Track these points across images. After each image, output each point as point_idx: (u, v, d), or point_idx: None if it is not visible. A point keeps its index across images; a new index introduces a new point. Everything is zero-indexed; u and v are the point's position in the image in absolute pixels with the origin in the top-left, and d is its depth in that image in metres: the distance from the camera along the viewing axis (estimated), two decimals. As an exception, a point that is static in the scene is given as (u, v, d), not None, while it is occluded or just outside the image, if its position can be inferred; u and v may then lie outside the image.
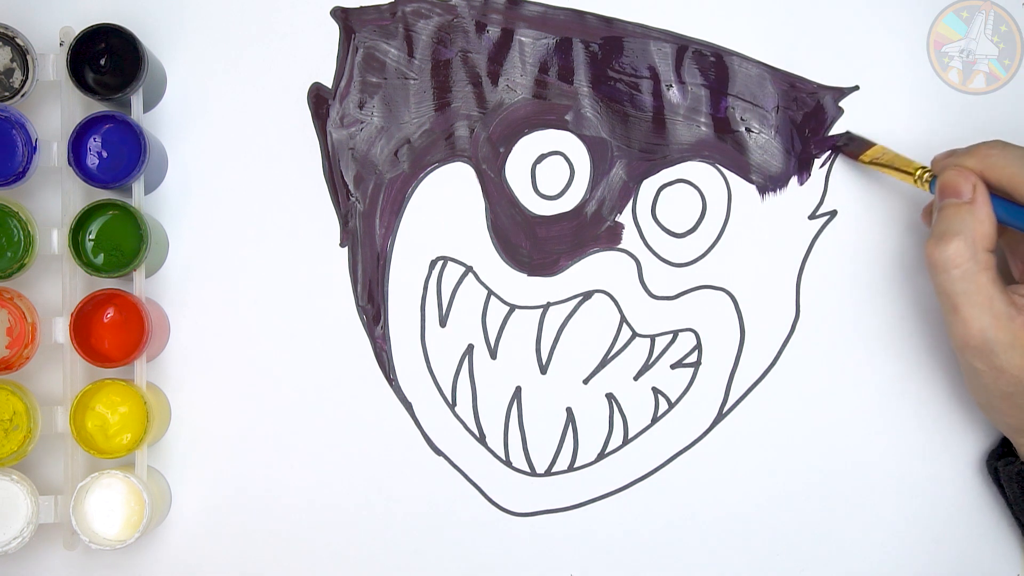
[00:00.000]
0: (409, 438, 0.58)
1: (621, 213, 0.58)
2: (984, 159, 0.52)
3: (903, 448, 0.58)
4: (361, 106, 0.58)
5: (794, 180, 0.59)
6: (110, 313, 0.55)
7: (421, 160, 0.58)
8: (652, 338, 0.58)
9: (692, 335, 0.58)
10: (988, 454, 0.58)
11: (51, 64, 0.55)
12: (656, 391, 0.58)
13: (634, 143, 0.58)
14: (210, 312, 0.58)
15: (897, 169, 0.55)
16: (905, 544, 0.58)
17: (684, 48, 0.58)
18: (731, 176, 0.59)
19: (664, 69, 0.58)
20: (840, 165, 0.59)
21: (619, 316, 0.58)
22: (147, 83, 0.55)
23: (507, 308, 0.58)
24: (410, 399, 0.58)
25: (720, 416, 0.59)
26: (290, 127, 0.58)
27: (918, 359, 0.58)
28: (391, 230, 0.58)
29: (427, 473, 0.58)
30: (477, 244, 0.58)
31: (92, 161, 0.55)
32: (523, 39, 0.58)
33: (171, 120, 0.58)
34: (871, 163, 0.56)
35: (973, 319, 0.51)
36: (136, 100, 0.55)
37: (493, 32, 0.58)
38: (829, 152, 0.58)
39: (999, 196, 0.52)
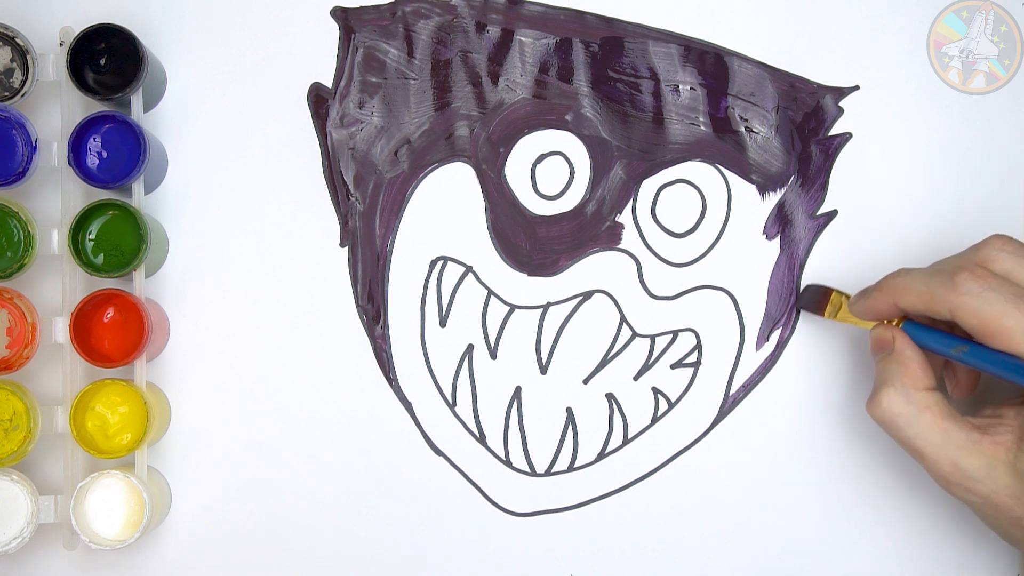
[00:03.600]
0: (409, 438, 0.58)
1: (621, 213, 0.58)
2: (892, 292, 0.53)
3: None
4: (361, 106, 0.58)
5: (794, 180, 0.59)
6: (110, 313, 0.55)
7: (421, 160, 0.58)
8: (652, 338, 0.58)
9: (692, 335, 0.58)
10: None
11: (51, 64, 0.55)
12: (656, 391, 0.58)
13: (634, 143, 0.58)
14: (210, 312, 0.58)
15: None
16: (905, 544, 0.58)
17: (684, 48, 0.58)
18: (731, 176, 0.59)
19: (664, 69, 0.58)
20: (840, 165, 0.59)
21: (619, 316, 0.58)
22: (147, 83, 0.55)
23: (507, 308, 0.58)
24: (410, 399, 0.58)
25: (720, 416, 0.59)
26: (290, 127, 0.58)
27: (918, 359, 0.58)
28: (391, 230, 0.58)
29: (427, 473, 0.58)
30: (477, 244, 0.58)
31: (92, 161, 0.55)
32: (523, 39, 0.58)
33: (171, 120, 0.58)
34: (837, 318, 0.56)
35: (940, 457, 0.50)
36: (136, 100, 0.55)
37: (493, 32, 0.58)
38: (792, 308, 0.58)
39: (923, 324, 0.53)
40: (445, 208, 0.58)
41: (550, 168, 0.58)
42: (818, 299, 0.57)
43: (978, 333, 0.49)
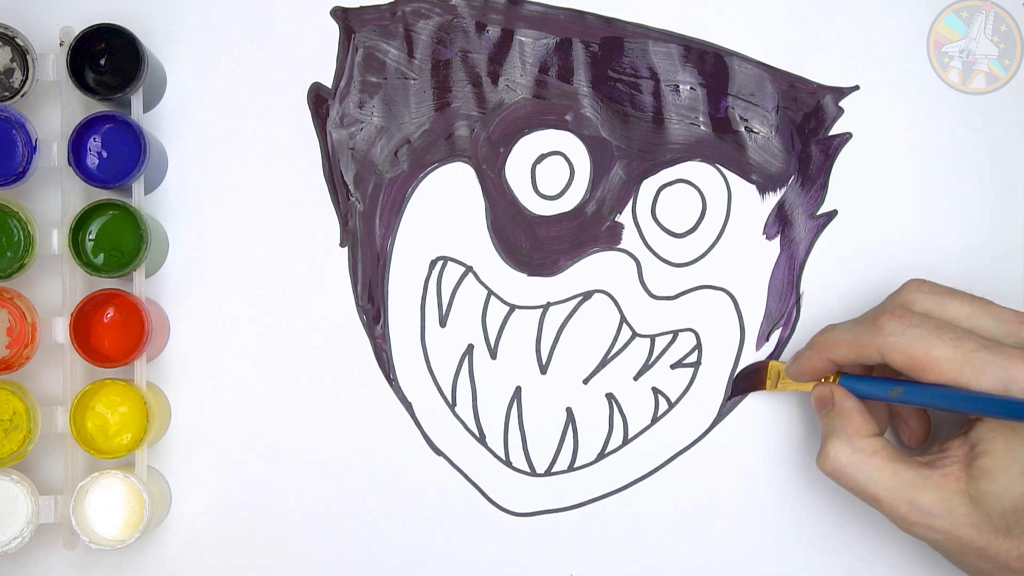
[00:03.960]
0: (409, 438, 0.58)
1: (621, 213, 0.58)
2: (823, 348, 0.53)
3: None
4: (361, 106, 0.58)
5: (794, 180, 0.59)
6: (110, 313, 0.55)
7: (421, 160, 0.58)
8: (652, 338, 0.58)
9: (692, 335, 0.58)
10: None
11: (51, 64, 0.55)
12: (656, 391, 0.58)
13: (634, 143, 0.58)
14: (210, 312, 0.58)
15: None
16: (906, 544, 0.58)
17: (684, 48, 0.58)
18: (731, 176, 0.59)
19: (664, 69, 0.58)
20: (840, 165, 0.59)
21: (619, 316, 0.58)
22: (147, 83, 0.55)
23: (507, 308, 0.58)
24: (410, 399, 0.58)
25: (720, 416, 0.59)
26: (290, 127, 0.58)
27: (918, 359, 0.58)
28: (391, 230, 0.58)
29: (427, 473, 0.58)
30: (477, 244, 0.58)
31: (92, 161, 0.55)
32: (523, 39, 0.58)
33: (171, 120, 0.58)
34: (778, 388, 0.57)
35: (895, 498, 0.51)
36: (136, 100, 0.55)
37: (493, 32, 0.58)
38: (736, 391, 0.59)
39: (865, 377, 0.54)
40: (445, 208, 0.58)
41: (550, 168, 0.58)
42: (755, 377, 0.58)
43: (909, 370, 0.50)
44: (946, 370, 0.49)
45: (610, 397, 0.58)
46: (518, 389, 0.58)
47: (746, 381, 0.58)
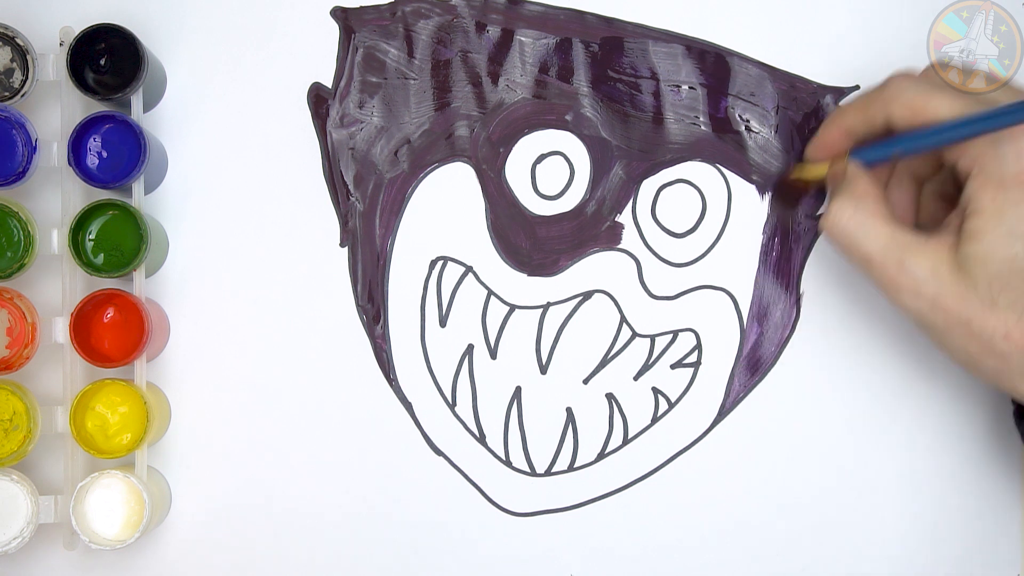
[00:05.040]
0: (409, 438, 0.58)
1: (621, 213, 0.58)
2: (835, 118, 0.55)
3: (904, 447, 0.58)
4: (361, 106, 0.58)
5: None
6: (110, 313, 0.55)
7: (421, 160, 0.58)
8: (652, 338, 0.58)
9: (692, 335, 0.58)
10: (1015, 414, 0.55)
11: (51, 64, 0.55)
12: (656, 391, 0.58)
13: (634, 143, 0.58)
14: (210, 312, 0.58)
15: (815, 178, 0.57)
16: (906, 544, 0.58)
17: (684, 48, 0.58)
18: (731, 176, 0.59)
19: (664, 69, 0.58)
20: (840, 165, 0.59)
21: (619, 316, 0.58)
22: (147, 83, 0.55)
23: (507, 308, 0.58)
24: (410, 399, 0.58)
25: (720, 416, 0.59)
26: (290, 127, 0.58)
27: (918, 359, 0.58)
28: (391, 230, 0.58)
29: (427, 473, 0.58)
30: (477, 244, 0.58)
31: (92, 161, 0.55)
32: (523, 39, 0.58)
33: (171, 120, 0.58)
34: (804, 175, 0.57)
35: (887, 259, 0.51)
36: (136, 100, 0.55)
37: (493, 32, 0.58)
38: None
39: (872, 143, 0.54)
40: (445, 208, 0.58)
41: (550, 168, 0.58)
42: (784, 188, 0.58)
43: (910, 117, 0.51)
44: (944, 107, 0.50)
45: (610, 397, 0.58)
46: (518, 389, 0.58)
47: (780, 191, 0.58)
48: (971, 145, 0.50)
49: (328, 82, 0.58)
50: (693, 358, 0.59)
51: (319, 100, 0.58)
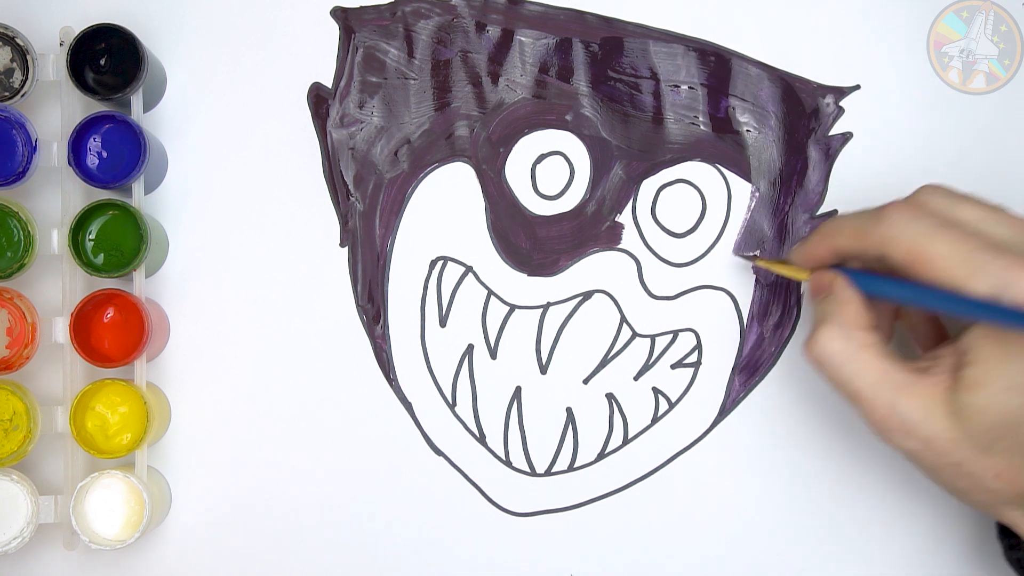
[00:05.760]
0: (409, 438, 0.58)
1: (621, 213, 0.58)
2: (826, 233, 0.51)
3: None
4: (361, 106, 0.58)
5: (794, 180, 0.59)
6: (110, 313, 0.55)
7: (421, 160, 0.58)
8: (652, 338, 0.58)
9: (692, 335, 0.58)
10: (1001, 540, 0.54)
11: (51, 64, 0.55)
12: (656, 391, 0.58)
13: (634, 143, 0.58)
14: (210, 312, 0.58)
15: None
16: (906, 545, 0.58)
17: (684, 48, 0.58)
18: (731, 176, 0.59)
19: (664, 69, 0.58)
20: (840, 165, 0.59)
21: (619, 316, 0.58)
22: (147, 83, 0.55)
23: (507, 308, 0.58)
24: (410, 399, 0.58)
25: (720, 416, 0.59)
26: (290, 127, 0.58)
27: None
28: (391, 230, 0.58)
29: (427, 473, 0.58)
30: (477, 244, 0.58)
31: (92, 161, 0.55)
32: (523, 39, 0.58)
33: (171, 120, 0.58)
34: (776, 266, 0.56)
35: (877, 398, 0.48)
36: (136, 100, 0.55)
37: (493, 32, 0.58)
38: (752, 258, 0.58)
39: (864, 272, 0.51)
40: (445, 208, 0.58)
41: (550, 168, 0.58)
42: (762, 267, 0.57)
43: (906, 264, 0.48)
44: (942, 267, 0.46)
45: (610, 397, 0.58)
46: (518, 389, 0.58)
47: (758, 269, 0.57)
48: None
49: (328, 82, 0.59)
50: (693, 358, 0.59)
51: (319, 100, 0.58)
